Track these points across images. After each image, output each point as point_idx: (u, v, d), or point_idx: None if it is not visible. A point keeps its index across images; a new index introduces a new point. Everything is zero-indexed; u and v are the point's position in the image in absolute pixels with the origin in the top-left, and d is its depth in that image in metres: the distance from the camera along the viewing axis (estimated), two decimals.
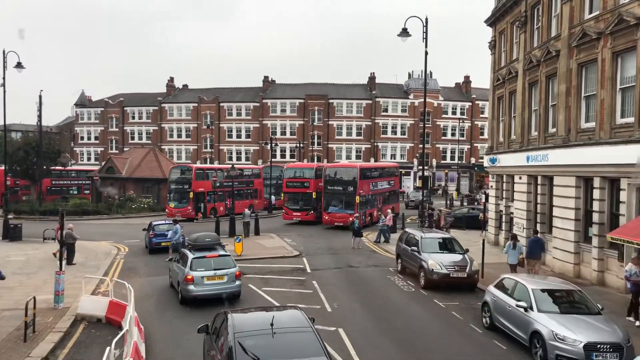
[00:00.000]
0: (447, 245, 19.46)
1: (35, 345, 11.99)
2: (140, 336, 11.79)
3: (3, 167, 54.41)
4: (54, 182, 58.35)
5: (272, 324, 8.41)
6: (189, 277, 15.63)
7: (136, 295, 17.89)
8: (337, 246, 28.18)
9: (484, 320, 14.04)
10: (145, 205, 48.54)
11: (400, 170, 55.73)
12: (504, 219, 27.60)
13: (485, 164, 30.65)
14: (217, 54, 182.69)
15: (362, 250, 27.09)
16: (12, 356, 11.32)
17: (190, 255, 16.45)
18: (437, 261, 18.00)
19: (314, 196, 38.05)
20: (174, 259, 18.55)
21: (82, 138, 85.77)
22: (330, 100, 76.63)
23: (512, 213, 26.12)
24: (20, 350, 11.61)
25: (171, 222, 29.61)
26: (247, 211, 32.55)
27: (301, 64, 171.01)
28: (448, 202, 54.95)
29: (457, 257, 18.48)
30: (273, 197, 49.08)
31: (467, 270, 17.79)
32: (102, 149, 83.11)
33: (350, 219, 34.44)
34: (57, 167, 55.54)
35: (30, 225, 37.66)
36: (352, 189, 35.35)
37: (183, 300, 15.91)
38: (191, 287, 15.58)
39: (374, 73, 79.82)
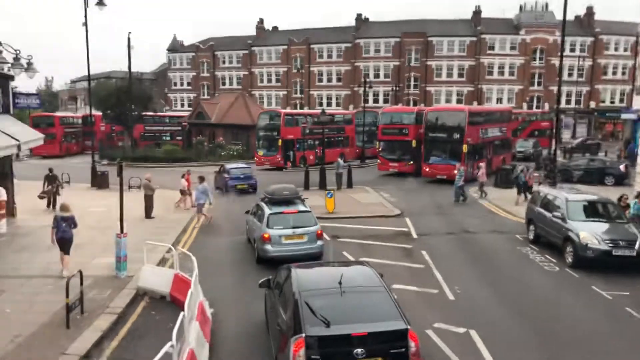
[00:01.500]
0: (603, 211, 14.83)
1: (78, 334, 9.46)
2: (204, 332, 8.85)
3: (100, 113, 55.13)
4: (147, 129, 58.31)
5: (340, 282, 7.57)
6: (266, 235, 13.95)
7: (211, 255, 15.50)
8: (444, 204, 24.11)
9: None
10: (235, 153, 46.74)
11: None
12: None
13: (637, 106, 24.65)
14: None
15: (476, 209, 22.85)
16: (47, 351, 8.82)
17: (267, 211, 14.55)
18: (593, 233, 13.53)
19: (413, 144, 33.71)
20: (251, 211, 16.58)
21: (175, 84, 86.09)
22: (430, 38, 70.02)
23: None
24: (57, 342, 9.10)
25: (246, 166, 28.34)
26: (340, 161, 29.13)
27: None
28: (564, 153, 48.12)
29: (619, 228, 13.89)
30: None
31: (636, 246, 13.19)
32: (195, 95, 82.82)
33: (455, 171, 30.13)
34: (148, 113, 55.28)
35: (124, 172, 36.95)
36: (458, 136, 30.51)
37: (259, 260, 14.34)
38: (268, 246, 13.90)
39: (479, 7, 71.73)
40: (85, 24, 30.21)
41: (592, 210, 14.84)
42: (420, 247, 16.02)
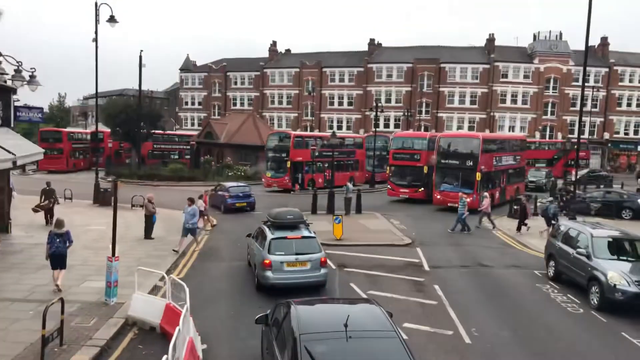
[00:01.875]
0: (631, 249, 13.76)
1: None
2: None
3: (109, 130, 54.86)
4: (155, 146, 58.00)
5: (345, 325, 6.69)
6: (267, 261, 13.22)
7: (209, 281, 14.56)
8: (456, 233, 23.05)
9: None
10: (242, 173, 46.02)
11: None
12: None
13: None
14: (320, 15, 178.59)
15: (490, 240, 21.79)
16: None
17: (270, 235, 13.78)
18: (621, 273, 12.47)
19: (425, 171, 32.82)
20: (253, 234, 15.78)
21: (186, 103, 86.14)
22: (442, 65, 69.56)
23: None
24: None
25: (245, 184, 27.94)
26: (349, 185, 28.24)
27: (410, 26, 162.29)
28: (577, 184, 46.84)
29: None
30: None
31: None
32: (205, 114, 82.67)
33: (468, 199, 29.03)
34: (157, 131, 54.91)
35: (126, 190, 36.25)
36: (471, 163, 29.51)
37: (259, 287, 13.62)
38: (269, 273, 13.16)
39: (493, 34, 71.30)
40: (96, 39, 29.79)
41: (619, 248, 13.78)
42: (432, 280, 14.98)
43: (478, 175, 29.10)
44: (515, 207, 27.82)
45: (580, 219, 20.66)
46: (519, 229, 23.31)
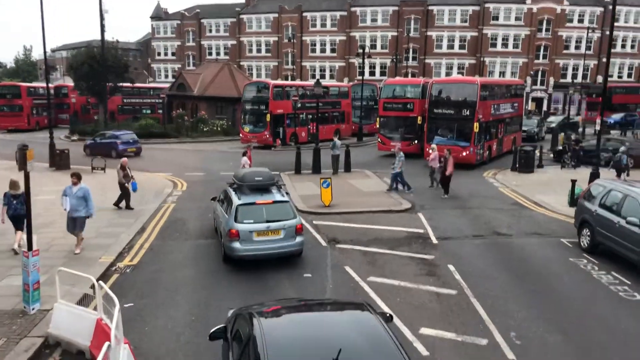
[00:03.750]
0: None
1: None
2: None
3: (72, 84, 50.57)
4: (125, 101, 53.91)
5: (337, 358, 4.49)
6: (234, 231, 11.44)
7: (168, 268, 11.66)
8: (460, 192, 20.32)
9: None
10: (219, 128, 42.55)
11: None
12: None
13: None
14: None
15: (499, 200, 19.12)
16: None
17: (236, 200, 11.97)
18: None
19: (419, 121, 29.72)
20: (218, 197, 14.02)
21: (158, 54, 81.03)
22: (430, 7, 65.33)
23: None
24: None
25: (132, 132, 30.73)
26: (336, 140, 25.08)
27: None
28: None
29: None
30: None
31: None
32: (179, 65, 77.81)
33: (464, 153, 26.26)
34: (126, 84, 50.74)
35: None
36: (468, 112, 26.34)
37: (226, 258, 11.96)
38: (236, 244, 11.41)
39: None
40: None
41: None
42: (444, 258, 12.25)
43: (475, 126, 26.05)
44: (522, 159, 25.18)
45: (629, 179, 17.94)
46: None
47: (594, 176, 17.79)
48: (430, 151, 21.73)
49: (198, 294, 10.26)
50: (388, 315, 6.65)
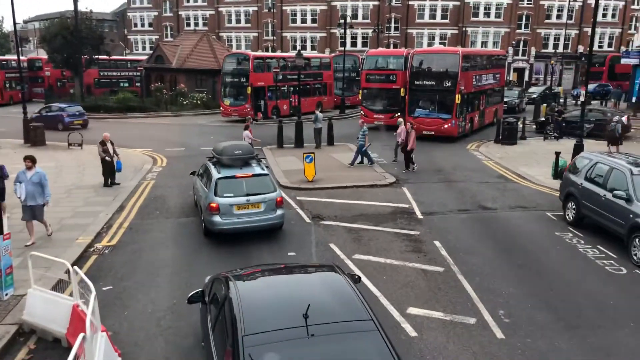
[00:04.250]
0: None
1: None
2: None
3: (46, 57, 48.99)
4: (102, 74, 52.51)
5: (306, 316, 4.83)
6: (214, 205, 11.41)
7: (149, 248, 11.34)
8: (444, 165, 20.22)
9: None
10: (199, 102, 41.66)
11: None
12: None
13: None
14: None
15: (483, 173, 19.02)
16: None
17: (215, 174, 11.92)
18: None
19: (402, 93, 29.32)
20: (197, 172, 13.84)
21: (135, 25, 78.73)
22: None
23: None
24: None
25: (78, 104, 31.11)
26: (318, 113, 24.63)
27: None
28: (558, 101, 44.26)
29: None
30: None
31: None
32: (157, 36, 75.71)
33: (446, 125, 25.96)
34: (102, 57, 49.28)
35: None
36: (449, 84, 25.93)
37: (207, 232, 11.95)
38: (216, 218, 11.40)
39: None
40: None
41: None
42: (430, 234, 12.11)
43: (457, 98, 25.66)
44: (505, 131, 25.07)
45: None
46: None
47: (578, 148, 17.75)
48: (399, 124, 21.15)
49: (179, 276, 9.97)
50: (357, 277, 7.09)
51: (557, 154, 17.77)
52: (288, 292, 5.85)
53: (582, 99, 20.06)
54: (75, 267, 7.31)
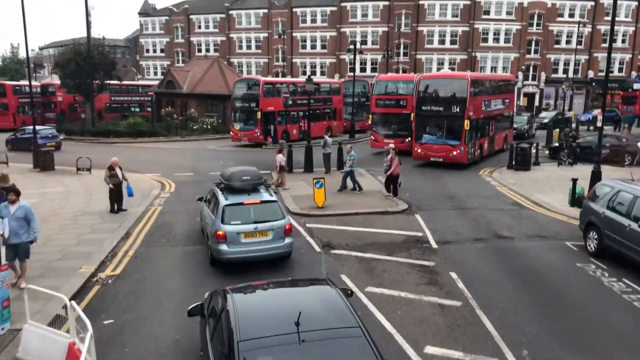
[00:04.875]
0: None
1: None
2: None
3: (59, 82, 49.44)
4: (113, 99, 52.90)
5: (297, 323, 5.29)
6: (220, 232, 11.05)
7: (153, 278, 10.91)
8: (457, 191, 19.77)
9: None
10: (209, 127, 41.71)
11: None
12: None
13: None
14: None
15: (498, 200, 18.52)
16: None
17: (223, 201, 11.60)
18: None
19: (412, 118, 29.07)
20: (205, 198, 13.59)
21: (147, 51, 79.80)
22: (421, 2, 64.60)
23: None
24: None
25: (51, 128, 30.94)
26: (327, 138, 24.37)
27: None
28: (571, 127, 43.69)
29: None
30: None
31: None
32: (168, 62, 76.64)
33: (455, 152, 25.31)
34: (113, 82, 49.71)
35: (77, 149, 31.97)
36: (458, 109, 24.98)
37: (213, 261, 11.56)
38: (223, 247, 11.04)
39: None
40: None
41: None
42: (445, 264, 11.63)
43: (466, 124, 24.72)
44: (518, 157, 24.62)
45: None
46: None
47: (596, 174, 17.22)
48: (389, 150, 19.69)
49: (183, 307, 9.41)
50: (349, 291, 7.41)
51: (574, 180, 17.28)
52: (282, 303, 6.26)
53: (598, 124, 19.53)
54: (73, 302, 6.95)
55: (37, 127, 34.78)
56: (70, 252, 12.47)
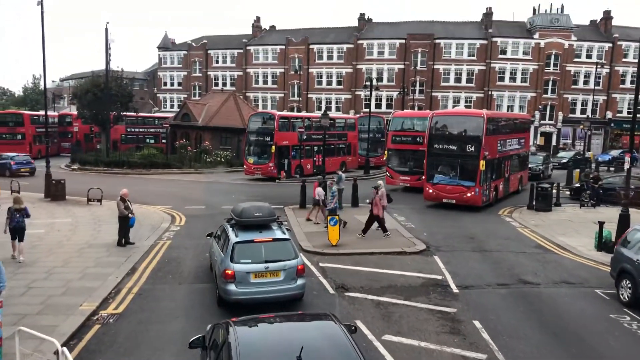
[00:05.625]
0: None
1: None
2: None
3: (76, 112, 50.03)
4: (129, 130, 53.33)
5: (299, 358, 5.24)
6: (229, 272, 10.53)
7: (155, 319, 10.11)
8: (476, 232, 19.01)
9: None
10: (222, 159, 41.57)
11: None
12: None
13: None
14: None
15: (520, 242, 17.73)
16: None
17: (233, 238, 11.07)
18: None
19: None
20: (214, 234, 13.23)
21: (165, 84, 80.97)
22: (437, 40, 65.05)
23: None
24: None
25: (26, 155, 36.75)
26: (341, 174, 23.78)
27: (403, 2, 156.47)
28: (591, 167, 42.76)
29: None
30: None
31: None
32: (185, 95, 77.56)
33: (469, 194, 23.61)
34: (129, 113, 50.18)
35: (91, 179, 31.82)
36: (473, 148, 23.63)
37: (221, 302, 10.96)
38: (231, 286, 10.51)
39: (490, 8, 66.73)
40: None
41: None
42: (468, 312, 10.87)
43: (482, 164, 23.33)
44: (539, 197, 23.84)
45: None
46: None
47: (624, 218, 16.44)
48: (379, 187, 18.34)
49: (186, 354, 8.87)
50: (353, 327, 7.20)
51: (601, 224, 16.49)
52: (284, 337, 6.17)
53: (626, 165, 18.80)
54: (64, 348, 6.36)
55: (12, 154, 37.81)
56: (72, 287, 11.94)
